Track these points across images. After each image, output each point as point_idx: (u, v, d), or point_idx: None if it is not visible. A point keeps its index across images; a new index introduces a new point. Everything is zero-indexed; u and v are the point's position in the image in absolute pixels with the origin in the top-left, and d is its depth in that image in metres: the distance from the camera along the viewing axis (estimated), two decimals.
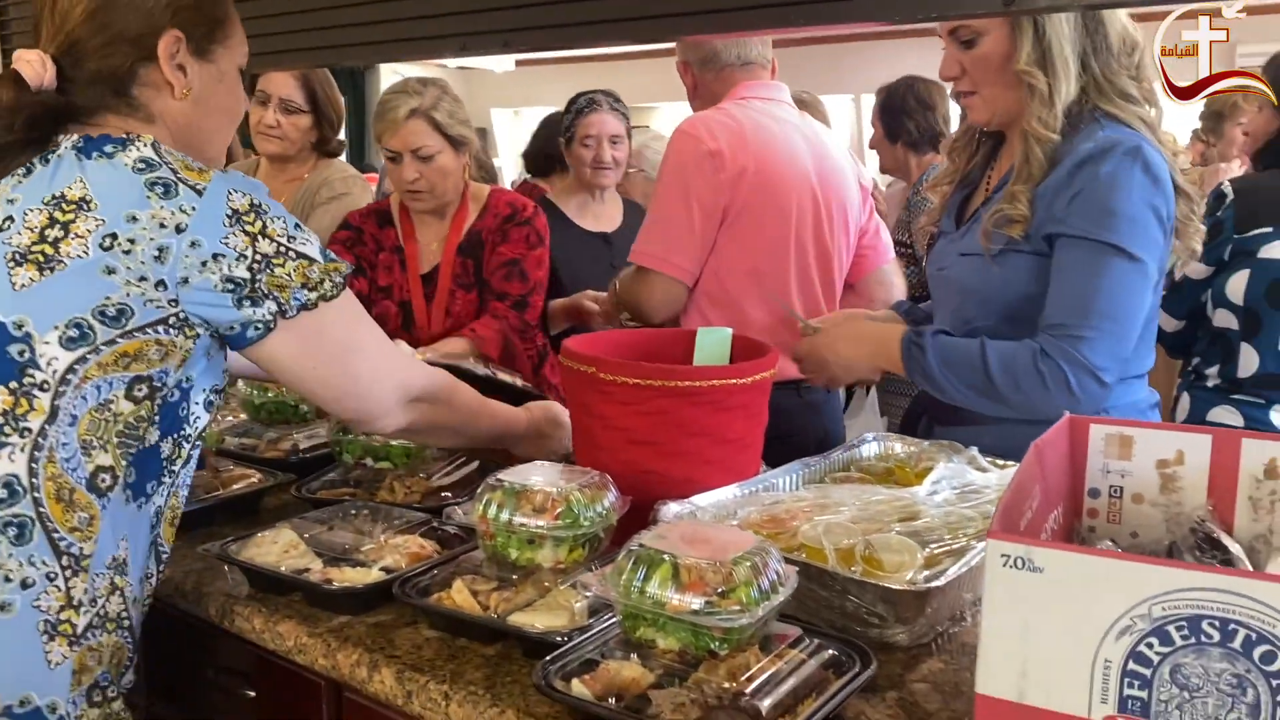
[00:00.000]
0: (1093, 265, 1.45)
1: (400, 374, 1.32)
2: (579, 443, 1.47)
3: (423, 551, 1.31)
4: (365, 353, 1.26)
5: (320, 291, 1.17)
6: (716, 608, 0.96)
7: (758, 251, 2.05)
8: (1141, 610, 0.76)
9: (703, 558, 0.99)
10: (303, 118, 2.58)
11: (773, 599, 0.99)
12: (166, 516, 1.20)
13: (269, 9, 2.05)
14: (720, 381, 1.36)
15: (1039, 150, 1.51)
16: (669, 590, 0.97)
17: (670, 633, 0.98)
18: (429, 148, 2.20)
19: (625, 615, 1.02)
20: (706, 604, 0.96)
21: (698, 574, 0.97)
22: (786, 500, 1.30)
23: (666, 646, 0.99)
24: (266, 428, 1.87)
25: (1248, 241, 1.87)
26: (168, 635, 1.44)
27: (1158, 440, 1.12)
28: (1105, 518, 1.14)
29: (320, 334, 1.19)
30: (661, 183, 2.06)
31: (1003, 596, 0.82)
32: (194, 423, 1.19)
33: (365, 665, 1.13)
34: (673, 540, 1.02)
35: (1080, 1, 1.32)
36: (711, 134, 2.01)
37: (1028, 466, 0.98)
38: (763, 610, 0.97)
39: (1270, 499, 1.07)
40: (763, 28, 1.53)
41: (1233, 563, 1.01)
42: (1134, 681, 0.77)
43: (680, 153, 2.03)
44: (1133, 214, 1.45)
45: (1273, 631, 0.71)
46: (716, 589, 0.96)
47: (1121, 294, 1.45)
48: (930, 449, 1.50)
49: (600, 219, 2.99)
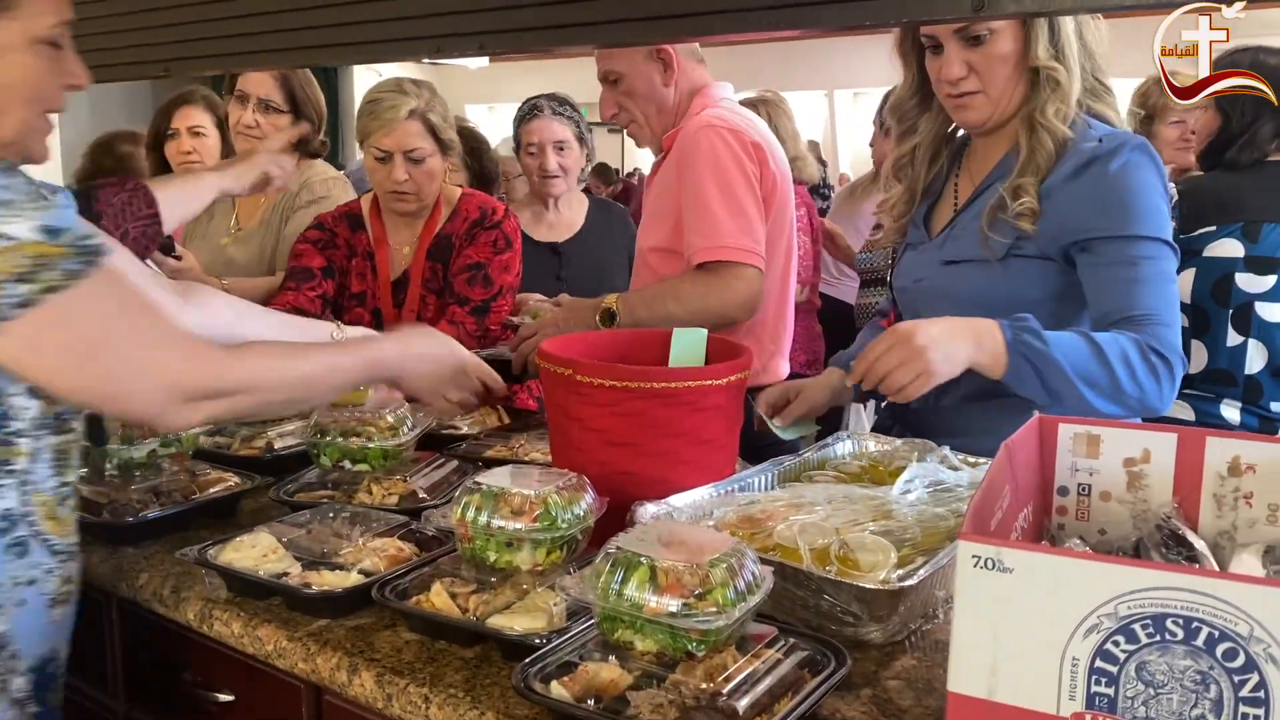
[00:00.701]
0: (1146, 260, 1.45)
1: (172, 373, 1.12)
2: (557, 444, 1.47)
3: (401, 554, 1.31)
4: (118, 348, 1.09)
5: (44, 283, 1.02)
6: (693, 610, 0.97)
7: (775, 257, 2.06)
8: (1108, 609, 0.78)
9: (680, 560, 1.00)
10: (281, 117, 2.56)
11: (749, 600, 1.01)
12: (40, 512, 1.15)
13: (242, 9, 2.04)
14: (696, 383, 1.37)
15: (1049, 142, 1.51)
16: (646, 592, 0.98)
17: (648, 635, 1.00)
18: (422, 150, 2.20)
19: (603, 617, 1.03)
20: (684, 606, 0.97)
21: (675, 576, 0.98)
22: (762, 500, 1.32)
23: (644, 648, 1.00)
24: (239, 425, 1.86)
25: (1193, 241, 1.91)
26: (145, 640, 1.44)
27: (1125, 439, 1.14)
28: (1074, 515, 1.17)
29: (54, 331, 1.04)
30: (712, 177, 1.95)
31: (973, 596, 0.83)
32: (19, 415, 1.12)
33: (345, 669, 1.13)
34: (650, 542, 1.03)
35: (1058, 6, 1.33)
36: (749, 127, 2.02)
37: (998, 466, 1.00)
38: (739, 612, 0.99)
39: (1234, 496, 1.09)
40: (735, 31, 1.54)
41: (1197, 559, 1.04)
42: (1101, 679, 0.79)
43: (728, 145, 1.96)
44: (1156, 205, 1.48)
45: (1234, 629, 0.74)
46: (694, 591, 0.98)
47: (1172, 285, 1.48)
48: (903, 448, 1.52)
49: (554, 229, 2.94)
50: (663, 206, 2.07)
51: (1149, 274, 1.46)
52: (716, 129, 1.98)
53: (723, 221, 1.92)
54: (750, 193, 1.96)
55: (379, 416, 1.60)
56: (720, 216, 1.92)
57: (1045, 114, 1.52)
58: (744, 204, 1.94)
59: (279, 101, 2.55)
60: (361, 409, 1.61)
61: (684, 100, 2.09)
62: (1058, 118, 1.51)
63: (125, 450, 1.55)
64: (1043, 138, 1.52)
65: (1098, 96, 1.57)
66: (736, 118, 2.04)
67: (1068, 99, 1.52)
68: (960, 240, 1.60)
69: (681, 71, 2.06)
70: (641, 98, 2.07)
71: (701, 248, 1.93)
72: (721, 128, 1.98)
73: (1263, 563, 1.02)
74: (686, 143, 2.00)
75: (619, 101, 2.09)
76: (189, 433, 1.61)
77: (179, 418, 1.14)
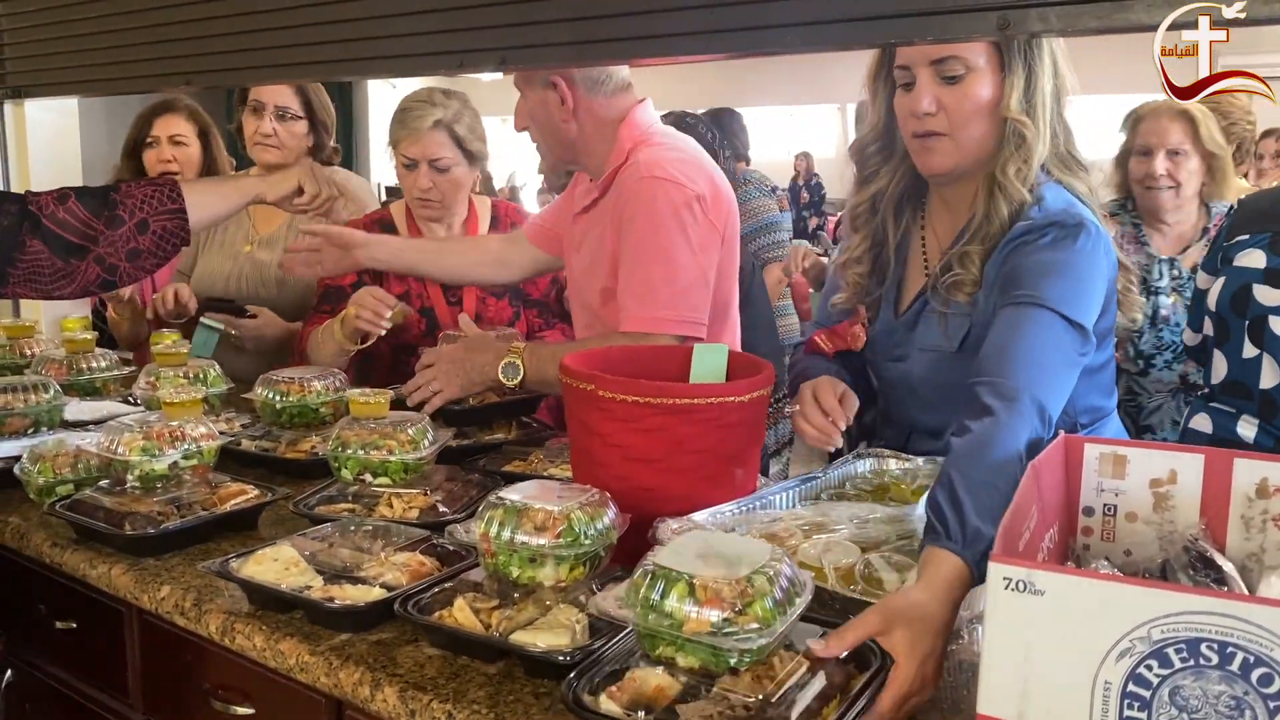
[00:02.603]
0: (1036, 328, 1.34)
1: None
2: (578, 459, 1.47)
3: (423, 569, 1.31)
4: None
5: None
6: (734, 625, 0.96)
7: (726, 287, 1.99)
8: (1141, 633, 0.78)
9: (718, 574, 0.99)
10: (299, 124, 2.58)
11: (789, 611, 0.99)
12: None
13: (264, 23, 2.06)
14: (718, 399, 1.37)
15: (1004, 208, 1.44)
16: (687, 606, 0.97)
17: (690, 652, 0.99)
18: (446, 159, 2.27)
19: (643, 635, 1.02)
20: (724, 620, 0.96)
21: (714, 592, 0.97)
22: (784, 518, 1.32)
23: (686, 665, 0.99)
24: (285, 429, 1.93)
25: (1230, 249, 1.89)
26: (164, 652, 1.44)
27: (1151, 459, 1.14)
28: (1099, 536, 1.16)
29: None
30: (651, 238, 1.82)
31: (1004, 618, 0.83)
32: None
33: (368, 684, 1.13)
34: (687, 557, 1.02)
35: (1084, 25, 1.32)
36: (693, 172, 1.87)
37: (1025, 487, 1.00)
38: (781, 625, 0.98)
39: (1262, 518, 1.09)
40: (750, 50, 1.55)
41: (1225, 581, 1.03)
42: (1134, 703, 0.78)
43: (669, 201, 1.82)
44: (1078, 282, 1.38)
45: (1270, 654, 0.73)
46: (734, 605, 0.97)
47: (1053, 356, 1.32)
48: (926, 466, 1.51)
49: None
50: (601, 249, 1.95)
51: (1018, 338, 1.32)
52: (660, 182, 1.82)
53: (657, 289, 1.80)
54: (690, 254, 1.82)
55: (400, 430, 1.60)
56: (655, 283, 1.81)
57: (1006, 172, 1.44)
58: (678, 268, 1.81)
59: (296, 109, 2.56)
60: (382, 421, 1.62)
61: (606, 131, 1.93)
62: (1018, 178, 1.44)
63: (146, 462, 1.55)
64: (998, 204, 1.44)
65: (1069, 170, 1.49)
66: (678, 162, 1.88)
67: (1030, 160, 1.44)
68: (929, 325, 1.52)
69: (585, 109, 1.90)
70: (539, 124, 1.95)
71: (633, 314, 1.82)
72: (665, 180, 1.82)
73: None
74: (626, 192, 1.86)
75: (525, 118, 1.98)
76: (209, 445, 1.62)
77: None
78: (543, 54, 1.76)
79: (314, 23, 1.97)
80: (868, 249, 1.62)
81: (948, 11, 1.35)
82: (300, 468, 1.82)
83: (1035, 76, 1.45)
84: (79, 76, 2.56)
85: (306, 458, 1.84)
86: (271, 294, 2.58)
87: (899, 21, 1.40)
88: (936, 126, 1.47)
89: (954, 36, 1.42)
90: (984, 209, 1.46)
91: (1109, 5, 1.27)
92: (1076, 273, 1.40)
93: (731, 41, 1.53)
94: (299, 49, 2.03)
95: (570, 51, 1.73)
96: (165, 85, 2.47)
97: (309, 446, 1.88)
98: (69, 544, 1.54)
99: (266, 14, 2.06)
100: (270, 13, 2.06)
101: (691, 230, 1.83)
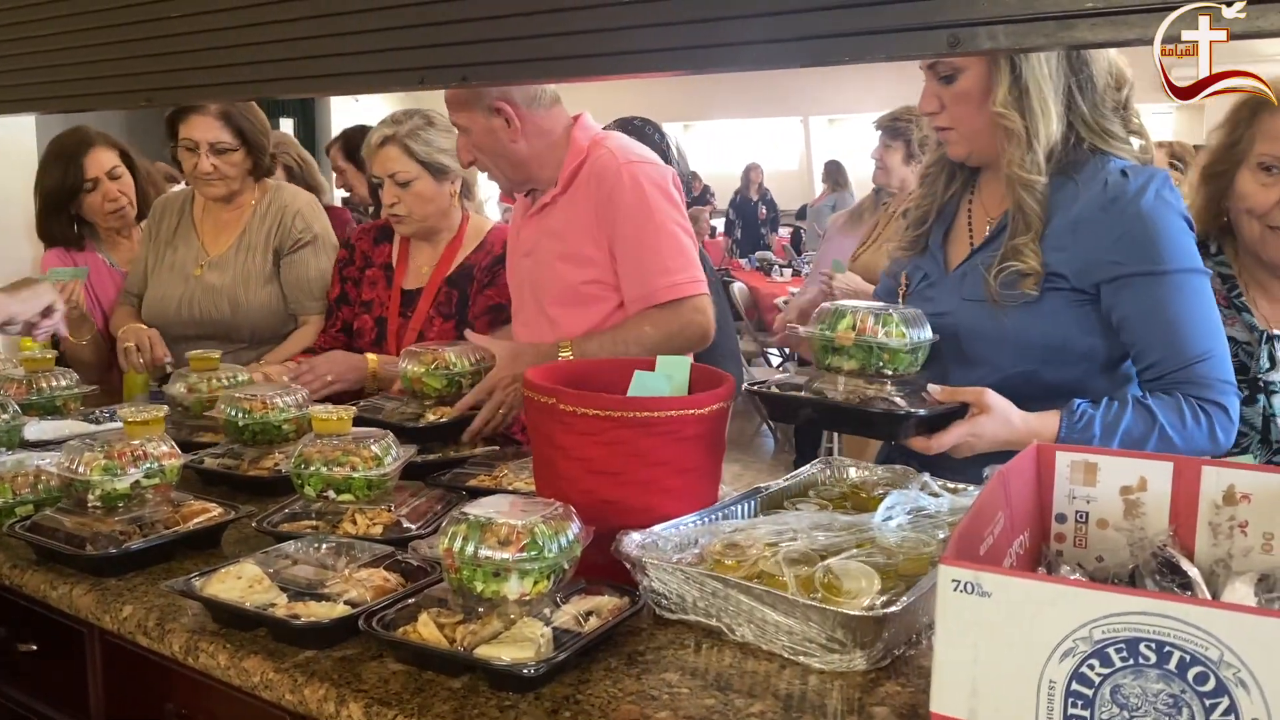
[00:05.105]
0: (1178, 295, 1.46)
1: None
2: (540, 473, 1.49)
3: (387, 585, 1.32)
4: None
5: None
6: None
7: None
8: (1083, 633, 0.80)
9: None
10: (235, 154, 2.58)
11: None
12: None
13: (227, 40, 2.06)
14: (678, 412, 1.39)
15: (1029, 199, 1.50)
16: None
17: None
18: (405, 173, 2.32)
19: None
20: None
21: None
22: (745, 528, 1.33)
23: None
24: (247, 447, 1.92)
25: None
26: (127, 673, 1.44)
27: (1122, 467, 1.16)
28: (1072, 542, 1.18)
29: None
30: (648, 217, 1.99)
31: (954, 620, 0.85)
32: None
33: (333, 700, 1.13)
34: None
35: (1031, 43, 1.36)
36: (658, 160, 2.08)
37: (990, 492, 1.02)
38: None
39: (1229, 524, 1.11)
40: (709, 68, 1.57)
41: (1191, 587, 1.05)
42: (1077, 701, 0.81)
43: (651, 179, 2.01)
44: (1180, 234, 1.48)
45: (1205, 654, 0.76)
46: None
47: (1208, 310, 1.48)
48: (884, 475, 1.54)
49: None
50: (581, 240, 2.05)
51: (1183, 311, 1.46)
52: (637, 164, 2.01)
53: (668, 259, 2.00)
54: (682, 224, 2.04)
55: (363, 446, 1.61)
56: (665, 254, 2.00)
57: (1012, 165, 1.51)
58: (680, 237, 2.02)
59: (229, 141, 2.56)
60: (345, 438, 1.62)
61: (556, 141, 2.06)
62: (1023, 169, 1.50)
63: (108, 481, 1.55)
64: (1021, 194, 1.51)
65: (1104, 140, 1.53)
66: (640, 148, 2.09)
67: (1033, 146, 1.50)
68: (974, 279, 1.59)
69: (530, 124, 2.03)
70: (489, 152, 2.06)
71: (660, 287, 1.99)
72: (642, 163, 2.03)
73: (1255, 591, 1.03)
74: (605, 181, 2.00)
75: (472, 151, 2.08)
76: (171, 463, 1.61)
77: None
78: (504, 70, 1.77)
79: (274, 40, 1.97)
80: (930, 202, 1.73)
81: (900, 30, 1.38)
82: (263, 485, 1.82)
83: (1023, 68, 1.49)
84: (37, 93, 2.53)
85: (269, 475, 1.84)
86: (225, 316, 2.57)
87: (853, 40, 1.43)
88: (942, 122, 1.60)
89: (906, 55, 1.45)
90: (1014, 204, 1.54)
91: (1053, 24, 1.31)
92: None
93: (691, 59, 1.56)
94: (260, 66, 2.02)
95: (532, 68, 1.74)
96: (125, 103, 2.46)
97: (272, 464, 1.88)
98: (29, 565, 1.52)
99: (226, 31, 2.06)
100: (230, 30, 2.05)
101: (677, 202, 2.03)
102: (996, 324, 1.54)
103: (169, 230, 2.69)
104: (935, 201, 1.71)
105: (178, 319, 2.56)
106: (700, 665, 1.17)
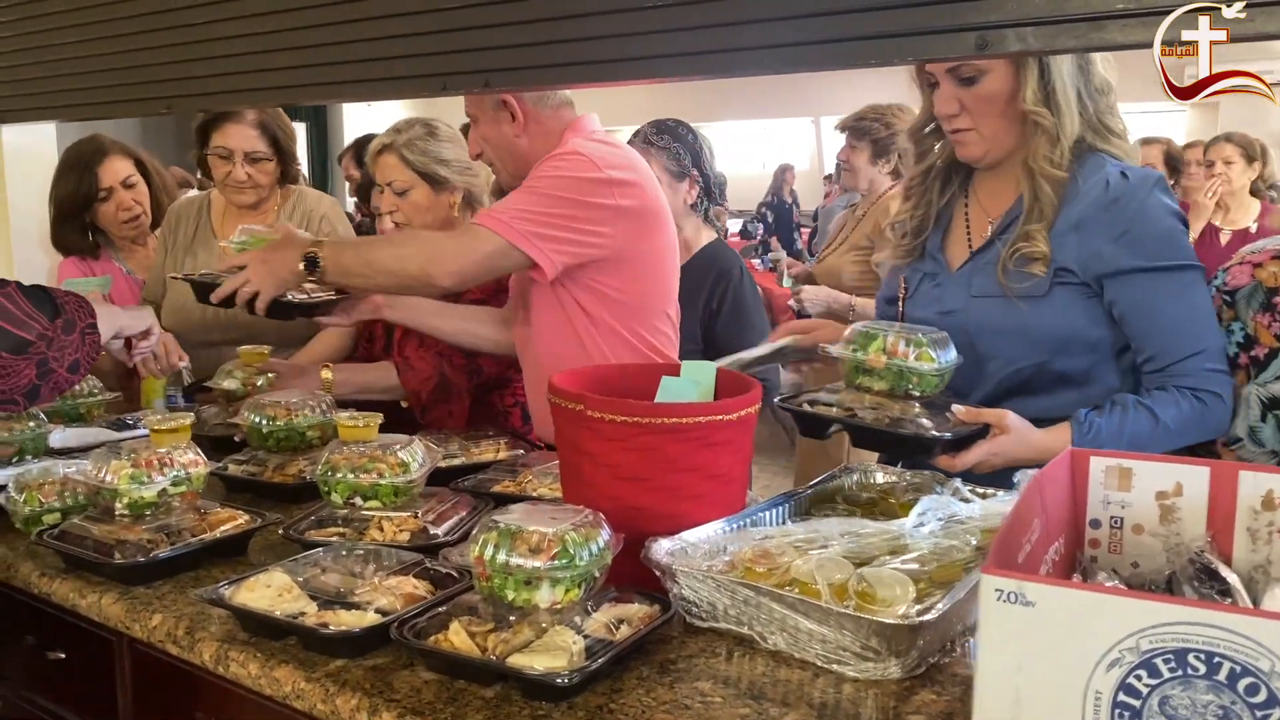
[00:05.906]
0: (1173, 293, 1.52)
1: None
2: (568, 479, 1.48)
3: (416, 593, 1.32)
4: None
5: None
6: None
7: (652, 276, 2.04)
8: (1130, 643, 0.79)
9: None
10: (269, 164, 2.59)
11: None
12: None
13: (246, 48, 2.07)
14: (706, 418, 1.38)
15: (1049, 189, 1.56)
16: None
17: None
18: (401, 182, 2.33)
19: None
20: None
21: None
22: (775, 534, 1.33)
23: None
24: (271, 454, 1.92)
25: None
26: (156, 682, 1.44)
27: (1157, 472, 1.15)
28: (1107, 548, 1.17)
29: None
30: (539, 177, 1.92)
31: (996, 629, 0.85)
32: None
33: (365, 710, 1.13)
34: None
35: (1061, 45, 1.35)
36: (610, 158, 1.95)
37: (1027, 499, 1.01)
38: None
39: (1268, 530, 1.10)
40: (728, 72, 1.56)
41: (1230, 594, 1.04)
42: (1124, 713, 0.80)
43: (571, 163, 1.92)
44: (1174, 231, 1.55)
45: (1255, 665, 0.75)
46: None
47: (1202, 305, 1.55)
48: (913, 480, 1.53)
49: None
50: None
51: (1180, 306, 1.53)
52: (571, 154, 1.93)
53: (512, 200, 1.91)
54: (564, 205, 1.89)
55: (389, 453, 1.61)
56: (513, 199, 1.91)
57: (1038, 159, 1.55)
58: (533, 195, 1.89)
59: (264, 151, 2.57)
60: (371, 445, 1.62)
61: (553, 140, 2.02)
62: (1051, 164, 1.55)
63: (135, 489, 1.55)
64: (1041, 185, 1.56)
65: (1103, 138, 1.59)
66: (601, 148, 1.98)
67: (1059, 144, 1.55)
68: (985, 275, 1.62)
69: (534, 121, 2.02)
70: (494, 144, 2.06)
71: (481, 214, 1.93)
72: (577, 154, 1.93)
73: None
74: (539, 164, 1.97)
75: (480, 144, 2.08)
76: (197, 471, 1.61)
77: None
78: (525, 76, 1.77)
79: (293, 46, 1.98)
80: (919, 214, 1.75)
81: (927, 32, 1.37)
82: (288, 492, 1.82)
83: (1049, 66, 1.53)
84: (58, 101, 2.55)
85: (294, 481, 1.85)
86: (249, 320, 2.57)
87: (879, 43, 1.42)
88: (961, 124, 1.61)
89: (934, 57, 1.45)
90: (1030, 194, 1.58)
91: (1085, 25, 1.30)
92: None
93: (715, 63, 1.55)
94: (279, 73, 2.03)
95: (554, 73, 1.74)
96: (146, 110, 2.47)
97: (296, 470, 1.88)
98: (57, 574, 1.53)
99: (245, 38, 2.06)
100: (249, 37, 2.06)
101: (581, 195, 1.89)
102: (1007, 318, 1.59)
103: (186, 237, 2.69)
104: (932, 208, 1.75)
105: (201, 324, 2.56)
106: (733, 674, 1.17)
